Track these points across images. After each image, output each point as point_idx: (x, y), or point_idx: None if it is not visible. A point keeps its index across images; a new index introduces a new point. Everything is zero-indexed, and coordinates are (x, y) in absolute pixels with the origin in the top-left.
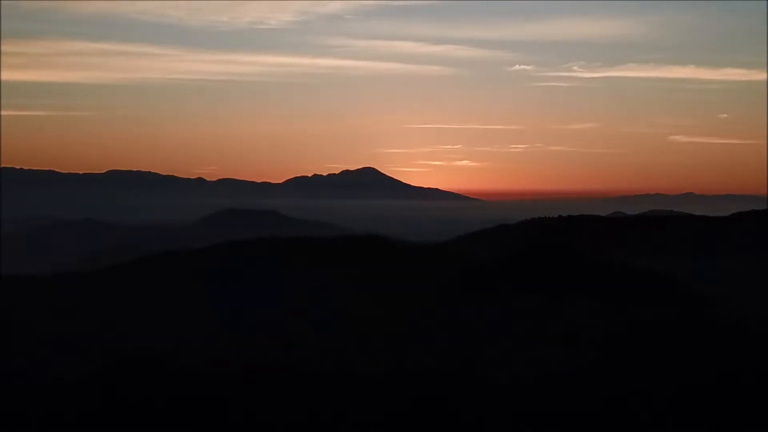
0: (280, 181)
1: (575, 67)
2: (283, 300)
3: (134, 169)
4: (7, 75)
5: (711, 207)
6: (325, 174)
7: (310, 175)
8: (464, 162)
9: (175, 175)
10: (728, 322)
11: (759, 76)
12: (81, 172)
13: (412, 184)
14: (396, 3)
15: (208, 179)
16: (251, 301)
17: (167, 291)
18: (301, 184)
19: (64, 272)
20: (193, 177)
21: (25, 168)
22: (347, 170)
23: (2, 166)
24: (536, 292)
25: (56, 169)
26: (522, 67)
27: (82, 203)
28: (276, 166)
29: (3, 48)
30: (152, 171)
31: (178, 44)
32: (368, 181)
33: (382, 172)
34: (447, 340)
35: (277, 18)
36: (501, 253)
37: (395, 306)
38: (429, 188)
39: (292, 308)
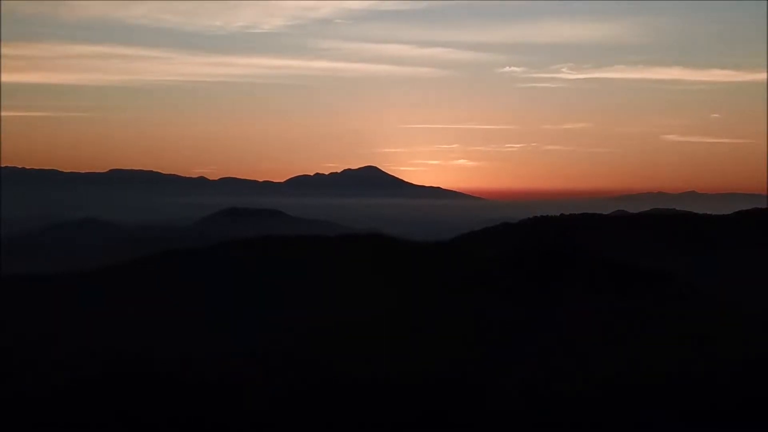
0: (282, 180)
1: (564, 69)
2: (285, 300)
3: (136, 169)
4: (8, 77)
5: (713, 205)
6: (327, 173)
7: (312, 174)
8: (461, 161)
9: (176, 174)
10: (730, 320)
11: (744, 77)
12: (83, 171)
13: (414, 183)
14: (384, 8)
15: (209, 178)
16: (253, 301)
17: (168, 291)
18: (303, 183)
19: (64, 272)
20: (195, 176)
21: (26, 167)
22: (349, 169)
23: (3, 165)
24: (540, 290)
25: (58, 169)
26: (512, 68)
27: (84, 203)
28: (278, 165)
29: (3, 51)
30: (154, 170)
31: (174, 47)
32: (370, 180)
33: (384, 170)
34: (449, 340)
35: (269, 22)
36: (504, 252)
37: (398, 306)
38: (431, 187)
39: (293, 308)
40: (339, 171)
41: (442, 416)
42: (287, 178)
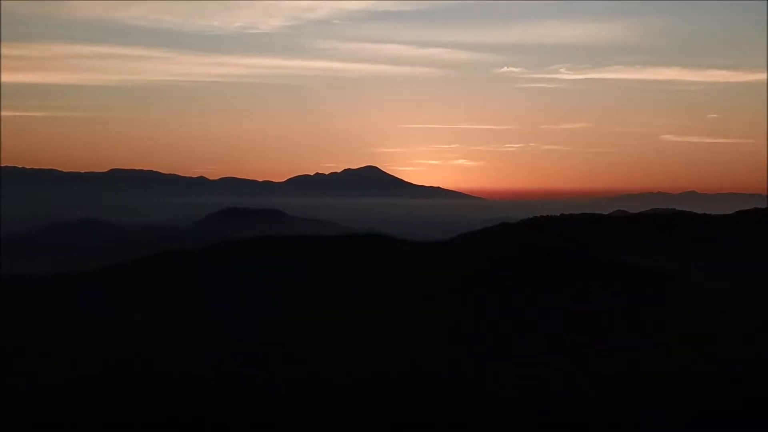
0: (282, 180)
1: (562, 69)
2: (285, 300)
3: (136, 168)
4: (7, 77)
5: (713, 205)
6: (327, 173)
7: (312, 174)
8: (461, 161)
9: (176, 173)
10: (730, 320)
11: (742, 77)
12: (83, 171)
13: (415, 183)
14: (382, 8)
15: (209, 178)
16: (253, 300)
17: (168, 291)
18: (303, 183)
19: (64, 272)
20: (195, 176)
21: (27, 167)
22: (349, 169)
23: (3, 165)
24: (540, 291)
25: (58, 168)
26: (510, 69)
27: (84, 202)
28: (278, 165)
29: (3, 51)
30: (154, 170)
31: (172, 47)
32: (370, 180)
33: (384, 170)
34: (449, 340)
35: (267, 23)
36: (504, 252)
37: (398, 306)
38: (431, 186)
39: (293, 308)
40: (339, 171)
41: (442, 416)
42: (287, 177)
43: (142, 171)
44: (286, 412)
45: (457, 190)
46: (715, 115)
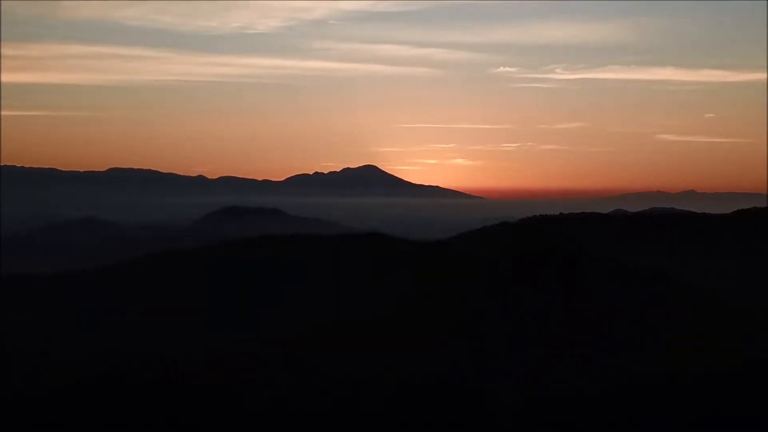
0: (282, 179)
1: (558, 69)
2: (285, 300)
3: (135, 167)
4: (8, 77)
5: (712, 204)
6: (326, 172)
7: (311, 173)
8: (459, 161)
9: (175, 173)
10: (730, 320)
11: (737, 77)
12: (82, 170)
13: (413, 182)
14: (378, 9)
15: (209, 177)
16: (253, 300)
17: (168, 291)
18: (302, 182)
19: (64, 272)
20: (194, 175)
21: (26, 166)
22: (348, 168)
23: (3, 164)
24: (540, 290)
25: (57, 168)
26: (506, 69)
27: (83, 202)
28: (277, 164)
29: (3, 51)
30: (153, 169)
31: (170, 47)
32: (369, 179)
33: (383, 170)
34: (448, 339)
35: (265, 23)
36: (504, 252)
37: (398, 306)
38: (430, 186)
39: (293, 308)
40: (338, 170)
41: (442, 416)
42: (286, 176)
43: (141, 170)
44: (286, 412)
45: (456, 189)
46: (712, 115)
